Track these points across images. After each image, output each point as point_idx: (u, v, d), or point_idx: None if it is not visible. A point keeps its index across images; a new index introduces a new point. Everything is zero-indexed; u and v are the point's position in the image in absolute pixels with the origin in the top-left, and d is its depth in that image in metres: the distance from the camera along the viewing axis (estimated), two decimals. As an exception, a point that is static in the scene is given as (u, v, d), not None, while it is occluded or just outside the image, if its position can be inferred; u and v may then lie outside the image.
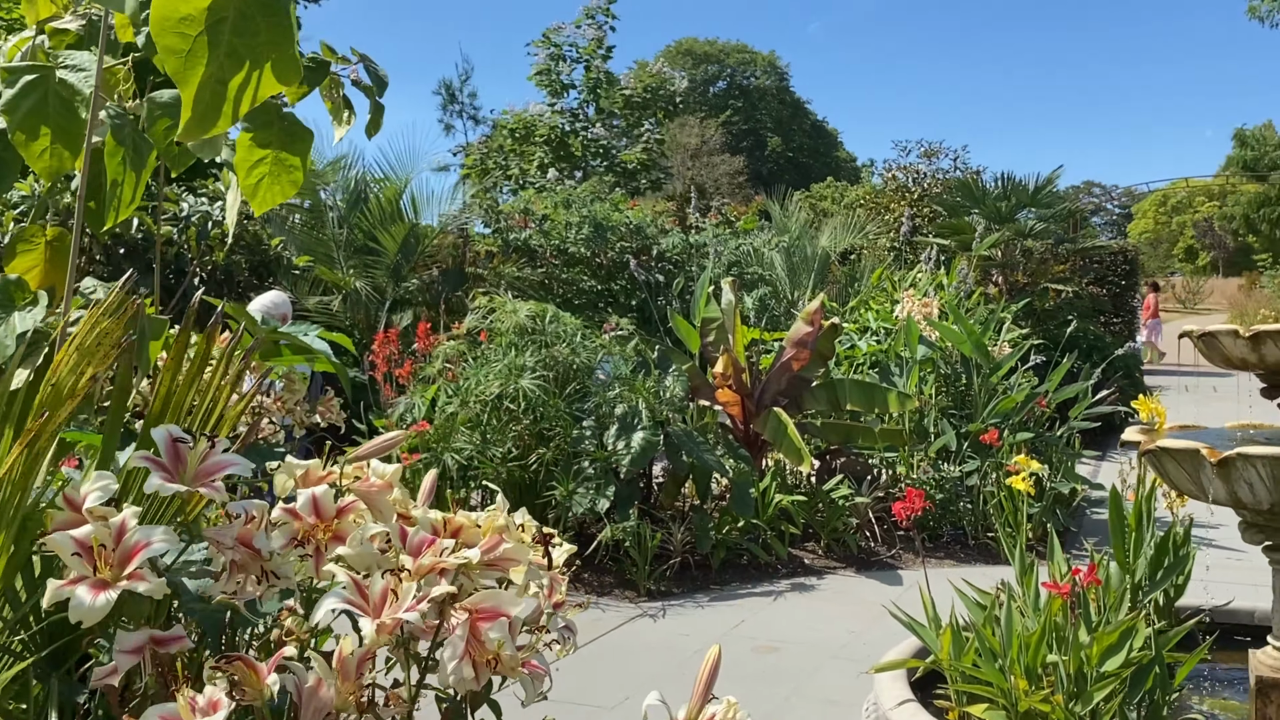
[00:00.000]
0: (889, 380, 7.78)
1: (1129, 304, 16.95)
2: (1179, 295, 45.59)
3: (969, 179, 11.17)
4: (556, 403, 6.18)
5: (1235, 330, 3.52)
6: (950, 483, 7.26)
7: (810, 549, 7.08)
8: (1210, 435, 4.05)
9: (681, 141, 50.86)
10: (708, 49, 73.83)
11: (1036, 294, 10.65)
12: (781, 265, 11.79)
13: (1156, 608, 4.52)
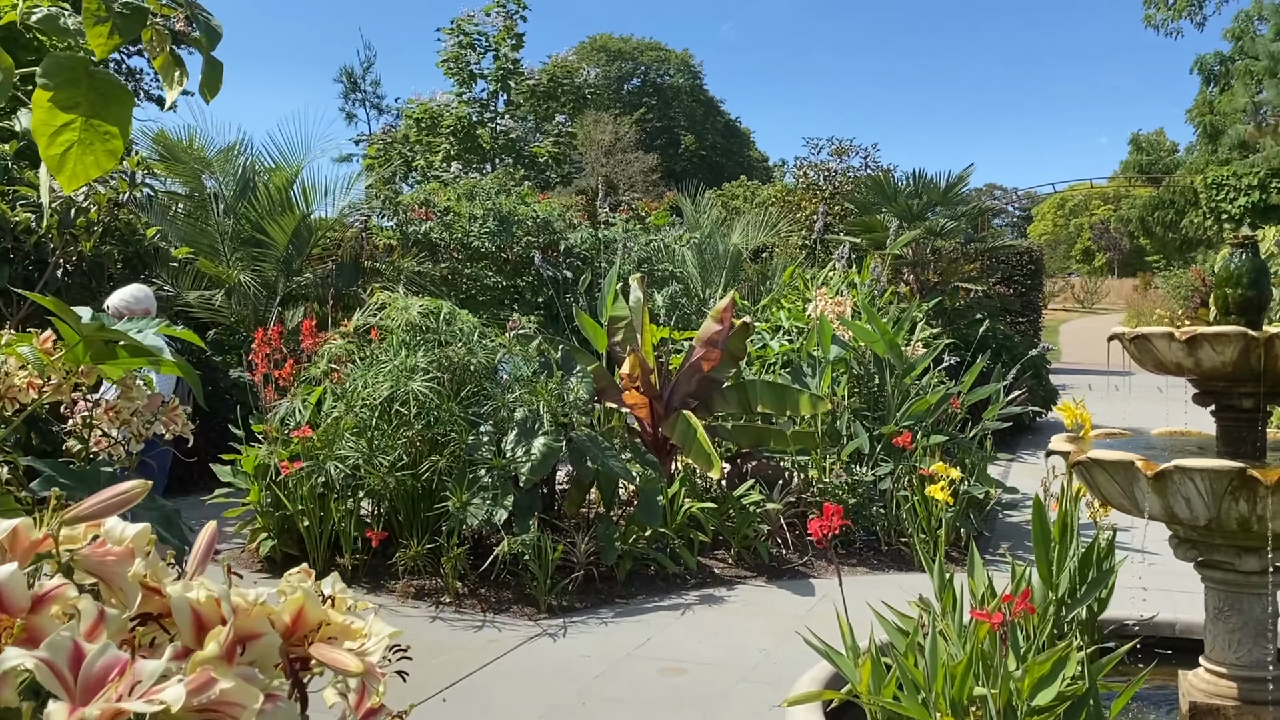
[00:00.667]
0: (801, 381, 7.53)
1: (1035, 303, 17.16)
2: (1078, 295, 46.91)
3: (881, 176, 11.05)
4: (451, 406, 5.75)
5: (1170, 333, 3.30)
6: (863, 487, 7.04)
7: (720, 557, 6.78)
8: (1138, 444, 3.84)
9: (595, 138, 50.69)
10: (622, 46, 73.60)
11: (947, 293, 10.56)
12: (693, 262, 11.51)
13: (1079, 623, 4.32)
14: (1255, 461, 3.37)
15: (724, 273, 11.33)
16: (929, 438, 7.15)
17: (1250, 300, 3.38)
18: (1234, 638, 3.36)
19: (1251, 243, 3.41)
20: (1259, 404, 3.37)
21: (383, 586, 6.05)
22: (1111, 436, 3.95)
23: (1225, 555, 3.31)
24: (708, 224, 11.60)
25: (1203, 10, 30.57)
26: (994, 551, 7.10)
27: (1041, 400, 11.40)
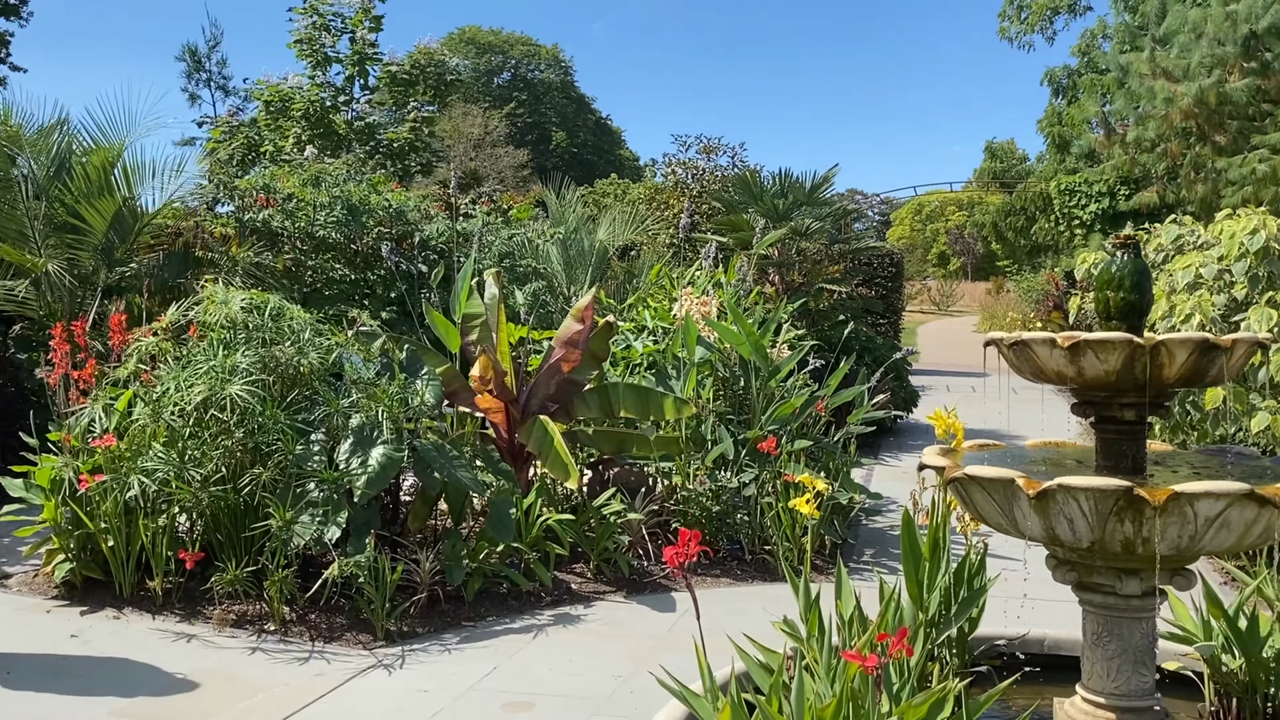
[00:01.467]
0: (666, 384, 7.20)
1: (896, 305, 17.39)
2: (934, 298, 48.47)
3: (748, 175, 10.86)
4: (276, 413, 5.17)
5: (1051, 339, 3.06)
6: (727, 494, 6.75)
7: (579, 571, 6.38)
8: (1013, 457, 3.61)
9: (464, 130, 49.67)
10: (492, 39, 72.56)
11: (812, 294, 10.44)
12: (558, 258, 11.08)
13: (949, 643, 4.09)
14: (1136, 476, 3.17)
15: (589, 270, 10.94)
16: (794, 442, 6.91)
17: (1133, 305, 3.17)
18: (1112, 665, 3.15)
19: (1134, 243, 3.20)
20: (1141, 415, 3.16)
21: (198, 613, 5.41)
22: (984, 448, 3.72)
23: (1106, 578, 3.09)
24: (573, 219, 11.19)
25: (1053, 25, 31.95)
26: (859, 559, 6.92)
27: (903, 402, 11.42)
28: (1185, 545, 2.82)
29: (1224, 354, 2.96)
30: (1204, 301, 5.92)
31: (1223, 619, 3.82)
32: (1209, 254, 6.15)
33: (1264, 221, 5.81)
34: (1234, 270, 5.89)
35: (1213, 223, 6.40)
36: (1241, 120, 13.03)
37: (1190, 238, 6.55)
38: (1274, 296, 5.65)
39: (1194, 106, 12.87)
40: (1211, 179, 13.08)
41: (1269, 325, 5.58)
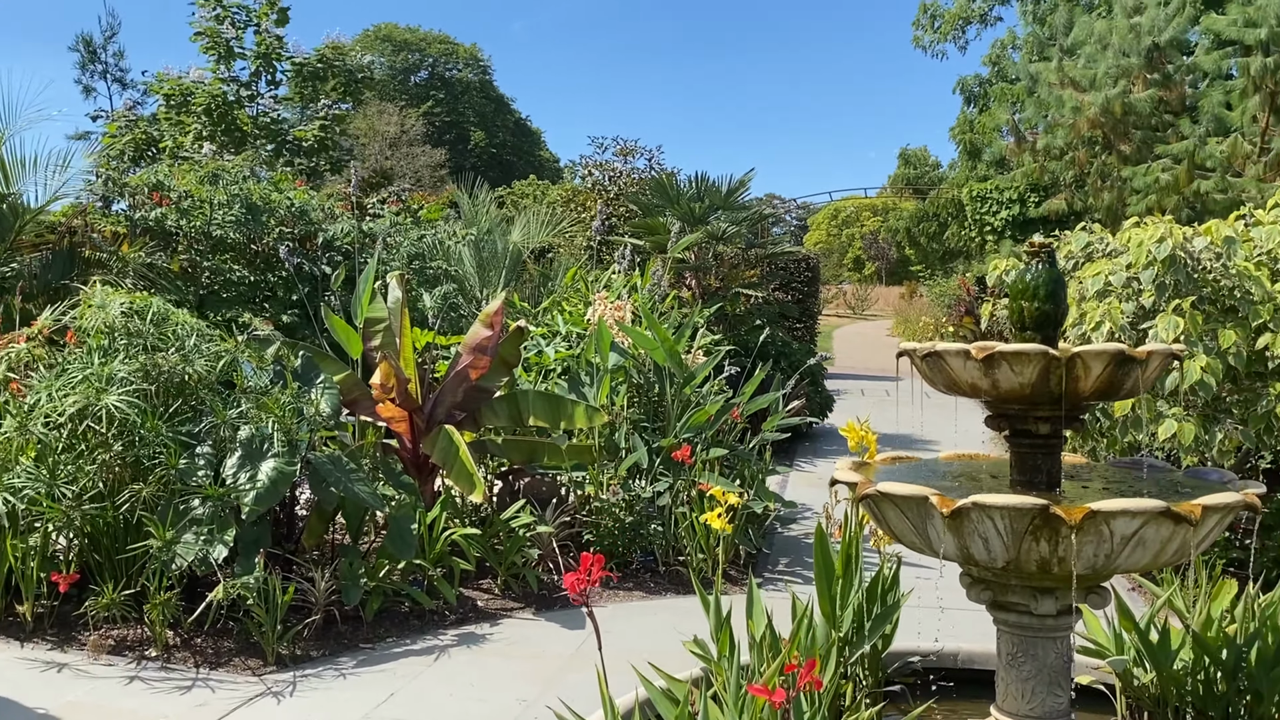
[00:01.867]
0: (579, 391, 7.00)
1: (812, 310, 17.45)
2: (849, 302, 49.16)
3: (664, 178, 10.72)
4: (157, 425, 4.83)
5: (966, 350, 2.95)
6: (641, 504, 6.59)
7: (486, 588, 6.15)
8: (926, 471, 3.51)
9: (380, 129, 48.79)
10: (409, 36, 71.57)
11: (729, 298, 10.35)
12: (470, 261, 10.80)
13: (862, 661, 3.97)
14: (1051, 492, 3.08)
15: (503, 272, 10.69)
16: (709, 451, 6.78)
17: (1047, 315, 3.08)
18: (1027, 686, 3.06)
19: (1048, 251, 3.12)
20: (1056, 429, 3.07)
21: (73, 639, 5.04)
22: (897, 460, 3.61)
23: (1021, 597, 2.99)
24: (485, 220, 10.92)
25: (965, 35, 32.63)
26: (773, 569, 6.82)
27: (819, 407, 11.41)
28: (1101, 564, 2.74)
29: (1140, 366, 2.88)
30: (1113, 309, 5.95)
31: (1134, 632, 3.78)
32: (1118, 262, 6.18)
33: (1171, 230, 5.86)
34: (1142, 278, 5.93)
35: (1120, 230, 6.45)
36: (1145, 130, 13.38)
37: (1099, 245, 6.59)
38: (1180, 304, 5.69)
39: (1100, 116, 13.16)
40: (1117, 187, 13.40)
41: (1176, 333, 5.62)
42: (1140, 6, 13.31)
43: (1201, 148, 12.33)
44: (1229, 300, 5.85)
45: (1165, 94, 13.18)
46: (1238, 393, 5.86)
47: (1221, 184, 11.94)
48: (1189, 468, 3.32)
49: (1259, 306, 5.71)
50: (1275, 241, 5.95)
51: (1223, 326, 5.71)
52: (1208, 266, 5.97)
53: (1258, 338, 5.68)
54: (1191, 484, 3.13)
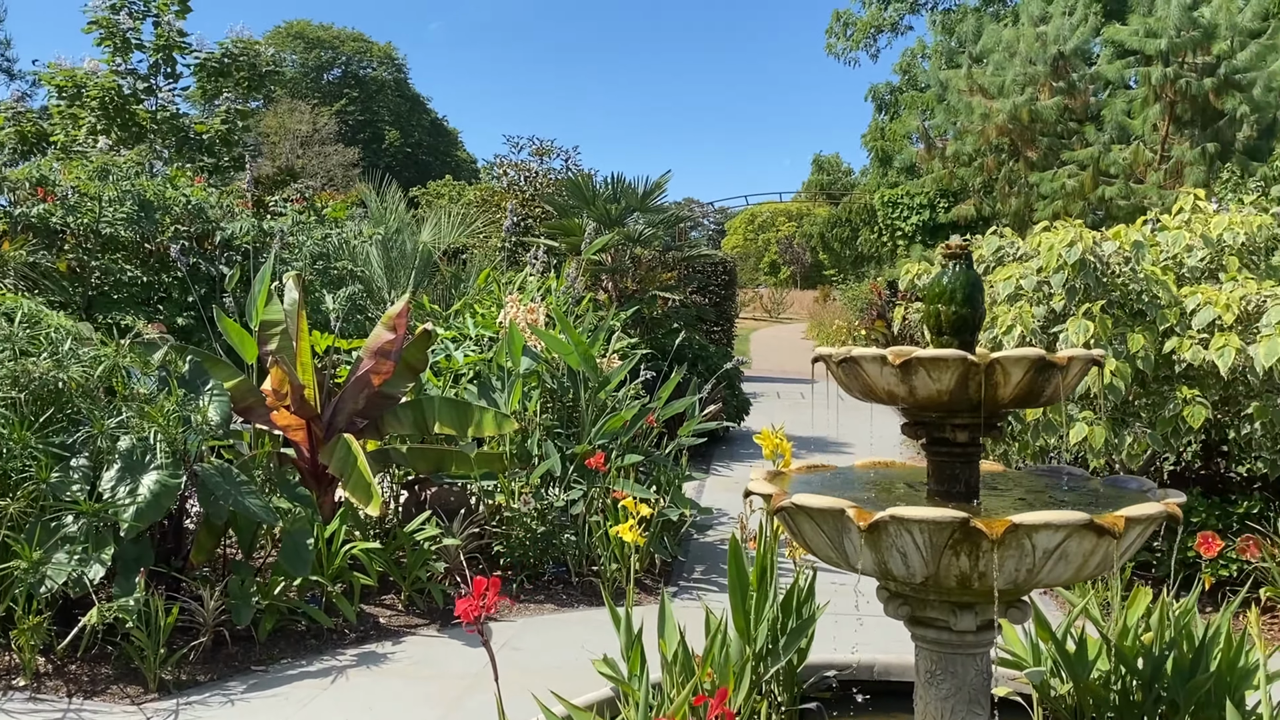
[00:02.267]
0: (489, 396, 6.77)
1: (729, 313, 17.44)
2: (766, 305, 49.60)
3: (579, 178, 10.53)
4: (24, 435, 4.47)
5: (882, 356, 2.83)
6: (554, 513, 6.39)
7: (389, 603, 5.88)
8: (841, 480, 3.38)
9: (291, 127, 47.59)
10: (321, 34, 70.22)
11: (645, 301, 10.21)
12: (379, 261, 10.46)
13: (777, 677, 3.84)
14: (969, 503, 2.98)
15: (412, 273, 10.38)
16: (624, 457, 6.62)
17: (965, 319, 2.98)
18: (947, 705, 2.95)
19: (965, 253, 3.02)
20: (975, 437, 2.97)
21: (-69, 670, 4.64)
22: (813, 469, 3.48)
23: (940, 612, 2.88)
24: (394, 219, 10.59)
25: (876, 43, 33.13)
26: (689, 577, 6.68)
27: (735, 411, 11.34)
28: (1023, 579, 2.64)
29: (1060, 372, 2.80)
30: (1024, 313, 5.96)
31: (1051, 642, 3.72)
32: (1028, 265, 6.20)
33: (1081, 234, 5.89)
34: (1053, 282, 5.95)
35: (1031, 234, 6.48)
36: (1051, 137, 13.67)
37: (1010, 249, 6.61)
38: (1090, 308, 5.72)
39: (1008, 123, 13.39)
40: (1024, 193, 13.65)
41: (1086, 336, 5.64)
42: (1046, 16, 13.60)
43: (1105, 154, 12.63)
44: (1137, 304, 5.90)
45: (1070, 102, 13.47)
46: (1145, 396, 5.91)
47: (1124, 190, 12.24)
48: (1108, 476, 3.26)
49: (1166, 310, 5.77)
50: (1180, 246, 6.03)
51: (1131, 330, 5.75)
52: (1116, 271, 6.02)
53: (1164, 341, 5.74)
54: (1111, 493, 3.06)
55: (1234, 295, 5.51)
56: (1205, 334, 5.58)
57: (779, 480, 3.28)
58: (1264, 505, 5.89)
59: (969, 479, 3.02)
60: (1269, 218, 6.15)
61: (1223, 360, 5.32)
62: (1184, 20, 11.74)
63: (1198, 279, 6.03)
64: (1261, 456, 5.82)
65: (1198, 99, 11.99)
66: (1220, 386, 5.78)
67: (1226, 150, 11.92)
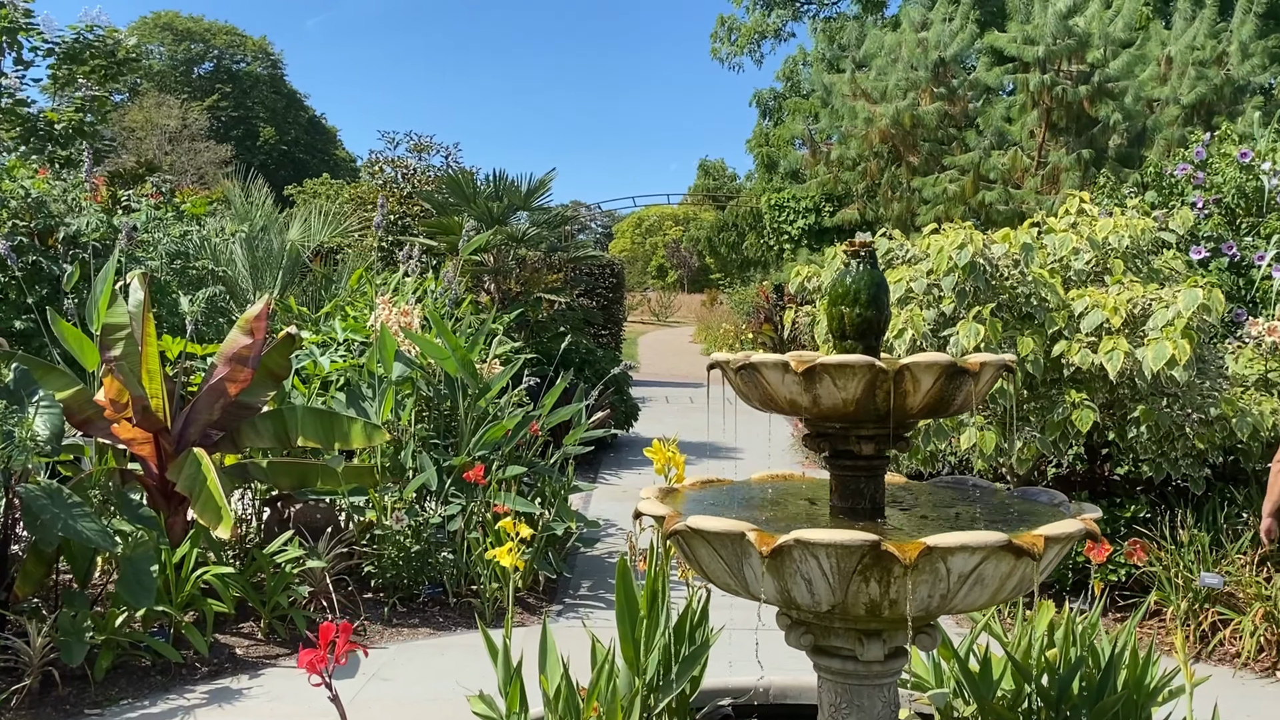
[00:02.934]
0: (359, 405, 6.32)
1: (618, 316, 17.20)
2: (653, 309, 49.67)
3: (459, 175, 10.10)
4: None
5: (785, 363, 2.57)
6: (429, 530, 5.99)
7: (247, 632, 5.40)
8: (738, 497, 3.12)
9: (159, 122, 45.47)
10: (191, 25, 67.50)
11: (529, 304, 9.84)
12: (244, 261, 9.83)
13: (670, 709, 3.56)
14: (875, 520, 2.75)
15: (279, 273, 9.78)
16: (505, 469, 6.26)
17: (870, 322, 2.75)
18: (853, 740, 2.71)
19: (869, 252, 2.79)
20: (881, 449, 2.74)
21: None
22: (708, 484, 3.21)
23: (846, 641, 2.64)
24: (260, 216, 9.97)
25: (760, 49, 33.43)
26: (575, 594, 6.37)
27: (624, 416, 11.07)
28: (937, 605, 2.41)
29: (972, 379, 2.59)
30: (915, 316, 5.84)
31: (954, 661, 3.54)
32: (918, 268, 6.09)
33: (971, 236, 5.80)
34: (943, 285, 5.85)
35: (921, 236, 6.39)
36: (933, 143, 13.86)
37: (900, 252, 6.51)
38: (980, 311, 5.63)
39: (891, 127, 13.52)
40: (907, 197, 13.80)
41: (976, 340, 5.55)
42: (927, 22, 13.80)
43: (985, 160, 12.85)
44: (1025, 307, 5.85)
45: (950, 108, 13.69)
46: (1034, 400, 5.87)
47: (1003, 195, 12.46)
48: (1015, 488, 3.08)
49: (1054, 314, 5.72)
50: (1067, 249, 6.01)
51: (1020, 334, 5.69)
52: (1005, 274, 5.96)
53: (1053, 345, 5.69)
54: (1023, 507, 2.87)
55: (1121, 298, 5.50)
56: (1093, 337, 5.56)
57: (672, 498, 3.00)
58: (1150, 509, 5.90)
59: (875, 495, 2.80)
60: (1151, 221, 6.19)
61: (1112, 364, 5.28)
62: (1060, 29, 12.04)
63: (1084, 282, 6.02)
64: (1147, 459, 5.83)
65: (1073, 106, 12.32)
66: (1107, 390, 5.76)
67: (1100, 157, 12.27)
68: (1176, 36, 13.11)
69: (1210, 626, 5.26)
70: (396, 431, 6.37)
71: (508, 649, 3.47)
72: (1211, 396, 5.71)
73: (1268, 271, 7.53)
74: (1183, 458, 5.75)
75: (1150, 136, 12.44)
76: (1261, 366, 6.42)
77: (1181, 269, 6.48)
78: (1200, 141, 8.70)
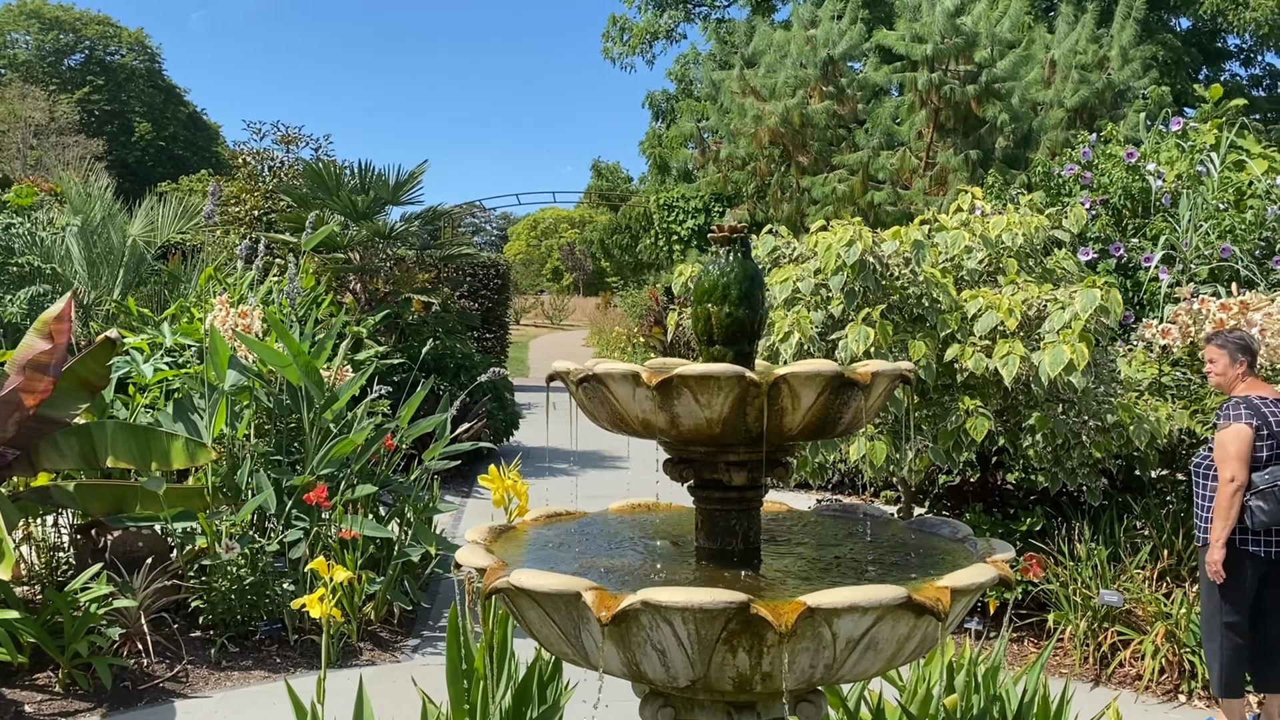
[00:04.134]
0: (188, 419, 5.60)
1: (503, 318, 16.57)
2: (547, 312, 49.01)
3: (322, 166, 9.37)
4: None
5: (635, 374, 2.07)
6: (266, 558, 5.31)
7: (44, 684, 4.65)
8: (591, 532, 2.60)
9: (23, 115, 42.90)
10: (60, 14, 64.11)
11: (398, 305, 9.16)
12: (80, 257, 8.91)
13: (517, 779, 3.01)
14: (751, 567, 2.26)
15: (120, 271, 8.89)
16: (355, 488, 5.62)
17: (741, 323, 2.27)
18: (723, 834, 2.21)
19: (742, 239, 2.31)
20: (755, 478, 2.26)
21: None
22: (554, 519, 2.69)
23: (713, 715, 2.14)
24: (99, 209, 9.05)
25: (652, 49, 33.07)
26: (434, 625, 5.77)
27: (503, 425, 10.47)
28: (820, 675, 1.94)
29: (861, 392, 2.12)
30: (802, 318, 5.43)
31: (841, 710, 3.09)
32: (805, 267, 5.69)
33: (860, 233, 5.42)
34: (831, 284, 5.45)
35: (809, 233, 5.99)
36: (822, 143, 13.65)
37: (787, 250, 6.11)
38: (870, 313, 5.25)
39: (780, 126, 13.24)
40: (796, 198, 13.55)
41: (866, 344, 5.17)
42: (816, 20, 13.57)
43: (874, 159, 12.66)
44: (917, 309, 5.49)
45: (840, 107, 13.49)
46: (927, 407, 5.51)
47: (892, 196, 12.29)
48: (913, 519, 2.64)
49: (946, 315, 5.38)
50: (959, 247, 5.68)
51: (912, 337, 5.33)
52: (896, 273, 5.60)
53: (946, 349, 5.35)
54: (921, 542, 2.42)
55: (1015, 299, 5.18)
56: (988, 341, 5.23)
57: (507, 540, 2.46)
58: (1046, 521, 5.61)
59: (749, 532, 2.31)
60: (1044, 219, 5.92)
61: (1007, 369, 4.95)
62: (948, 27, 11.92)
63: (977, 282, 5.71)
64: (1043, 469, 5.54)
65: (960, 105, 12.22)
66: (1001, 395, 5.45)
67: (987, 158, 12.20)
68: (1059, 40, 13.17)
69: (1110, 647, 4.97)
70: (230, 447, 5.68)
71: (318, 713, 2.89)
72: (1107, 402, 5.45)
73: (1155, 273, 7.41)
74: (1079, 467, 5.47)
75: (1036, 138, 12.43)
76: (1154, 370, 6.22)
77: (1074, 269, 6.24)
78: (1087, 142, 8.59)
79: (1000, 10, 12.85)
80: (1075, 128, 12.45)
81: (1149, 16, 16.17)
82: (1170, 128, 8.62)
